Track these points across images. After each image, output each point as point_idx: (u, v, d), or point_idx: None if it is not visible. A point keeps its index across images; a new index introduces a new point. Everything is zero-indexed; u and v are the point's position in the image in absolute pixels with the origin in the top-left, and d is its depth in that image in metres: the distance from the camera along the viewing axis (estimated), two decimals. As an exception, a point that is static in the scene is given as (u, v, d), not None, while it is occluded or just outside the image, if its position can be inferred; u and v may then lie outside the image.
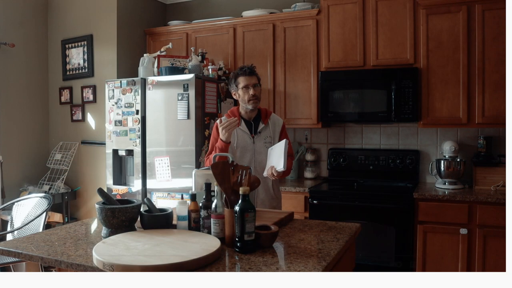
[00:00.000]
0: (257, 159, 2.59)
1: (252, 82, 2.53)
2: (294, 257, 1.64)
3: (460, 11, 3.22)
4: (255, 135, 2.60)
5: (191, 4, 4.61)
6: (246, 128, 2.61)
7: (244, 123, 2.61)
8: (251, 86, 2.52)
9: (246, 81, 2.53)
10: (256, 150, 2.59)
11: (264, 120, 2.62)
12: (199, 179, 2.21)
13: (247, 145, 2.59)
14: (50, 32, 4.47)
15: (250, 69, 2.56)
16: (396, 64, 3.40)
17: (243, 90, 2.54)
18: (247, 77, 2.54)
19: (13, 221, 3.53)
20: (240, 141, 2.59)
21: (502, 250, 2.92)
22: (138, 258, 1.49)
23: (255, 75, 2.56)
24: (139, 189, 3.61)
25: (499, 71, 3.14)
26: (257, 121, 2.63)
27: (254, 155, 2.59)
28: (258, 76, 2.60)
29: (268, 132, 2.62)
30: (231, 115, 2.62)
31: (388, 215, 3.17)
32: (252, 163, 2.58)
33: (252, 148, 2.59)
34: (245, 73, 2.54)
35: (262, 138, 2.61)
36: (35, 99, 4.38)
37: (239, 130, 2.59)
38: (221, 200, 1.77)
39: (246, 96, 2.53)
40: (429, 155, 3.67)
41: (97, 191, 1.89)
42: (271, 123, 2.65)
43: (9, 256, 1.99)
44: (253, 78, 2.54)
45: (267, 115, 2.66)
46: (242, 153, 2.58)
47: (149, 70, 3.75)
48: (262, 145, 2.59)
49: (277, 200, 2.69)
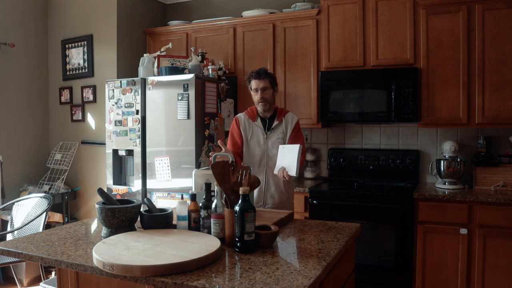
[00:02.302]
0: (269, 154, 2.71)
1: (261, 85, 2.64)
2: (294, 257, 1.64)
3: (460, 11, 3.22)
4: (268, 132, 2.72)
5: (191, 4, 4.61)
6: (261, 124, 2.74)
7: (259, 119, 2.75)
8: (260, 89, 2.64)
9: (255, 85, 2.66)
10: (268, 146, 2.71)
11: (279, 118, 2.74)
12: (199, 179, 2.22)
13: (260, 140, 2.73)
14: (50, 32, 4.47)
15: (258, 72, 2.67)
16: (396, 64, 3.40)
17: (254, 92, 2.69)
18: (256, 80, 2.66)
19: (13, 221, 3.53)
20: (254, 135, 2.74)
21: (502, 250, 2.92)
22: (138, 258, 1.49)
23: (264, 78, 2.65)
24: (139, 189, 3.61)
25: (499, 71, 3.14)
26: (272, 119, 2.76)
27: (266, 151, 2.72)
28: (271, 79, 2.69)
29: (281, 129, 2.73)
30: (249, 111, 2.78)
31: (388, 215, 3.17)
32: (264, 157, 2.72)
33: (264, 143, 2.72)
34: (254, 76, 2.67)
35: (275, 134, 2.72)
36: (35, 99, 4.38)
37: (254, 126, 2.74)
38: (221, 200, 1.77)
39: (256, 98, 2.69)
40: (429, 155, 3.67)
41: (97, 191, 1.89)
42: (285, 120, 2.74)
43: (9, 256, 1.99)
44: (262, 82, 2.64)
45: (282, 113, 2.77)
46: (255, 147, 2.73)
47: (149, 70, 3.75)
48: (275, 141, 2.71)
49: (287, 195, 2.77)
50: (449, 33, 3.26)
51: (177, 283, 1.38)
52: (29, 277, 3.82)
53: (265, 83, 2.65)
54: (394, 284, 3.17)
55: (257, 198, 2.71)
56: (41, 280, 3.42)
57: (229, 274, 1.47)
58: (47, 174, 4.26)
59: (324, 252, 1.69)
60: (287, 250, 1.74)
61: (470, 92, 3.23)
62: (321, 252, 1.69)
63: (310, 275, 1.44)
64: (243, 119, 2.77)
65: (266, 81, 2.65)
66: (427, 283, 3.11)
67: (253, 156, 2.73)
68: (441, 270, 3.07)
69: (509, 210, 2.89)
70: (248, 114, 2.78)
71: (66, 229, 2.08)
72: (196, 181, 2.24)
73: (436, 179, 3.55)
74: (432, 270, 3.09)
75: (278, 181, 2.71)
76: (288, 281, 1.38)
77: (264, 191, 2.71)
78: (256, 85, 2.65)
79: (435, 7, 3.28)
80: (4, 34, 4.01)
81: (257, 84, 2.65)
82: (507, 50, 3.12)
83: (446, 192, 3.16)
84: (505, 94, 3.14)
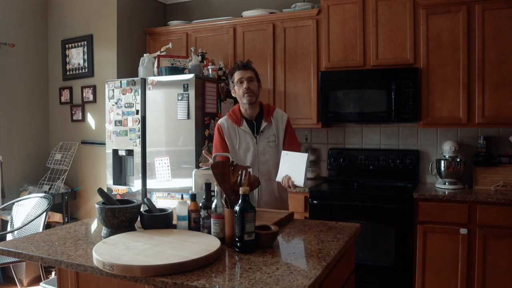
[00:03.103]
0: (261, 159, 2.51)
1: (246, 75, 2.45)
2: (294, 257, 1.64)
3: (460, 11, 3.22)
4: (257, 135, 2.51)
5: (191, 4, 4.61)
6: (248, 128, 2.51)
7: (245, 122, 2.52)
8: (245, 79, 2.44)
9: (240, 75, 2.46)
10: (259, 151, 2.50)
11: (267, 118, 2.52)
12: (199, 179, 2.21)
13: (249, 146, 2.51)
14: (50, 32, 4.47)
15: (243, 63, 2.49)
16: (396, 64, 3.40)
17: (238, 85, 2.47)
18: (241, 71, 2.46)
19: (13, 221, 3.53)
20: (242, 142, 2.51)
21: (502, 250, 2.92)
22: (138, 258, 1.49)
23: (249, 69, 2.48)
24: (139, 189, 3.61)
25: (499, 71, 3.14)
26: (259, 119, 2.53)
27: (257, 156, 2.51)
28: (255, 71, 2.52)
29: (272, 131, 2.52)
30: (232, 115, 2.55)
31: (388, 215, 3.17)
32: (256, 164, 2.51)
33: (255, 149, 2.50)
34: (239, 67, 2.48)
35: (265, 138, 2.51)
36: (35, 99, 4.38)
37: (240, 131, 2.51)
38: (221, 200, 1.77)
39: (241, 90, 2.45)
40: (429, 155, 3.67)
41: (97, 191, 1.89)
42: (274, 120, 2.53)
43: (9, 256, 1.99)
44: (247, 72, 2.46)
45: (270, 112, 2.55)
46: (244, 154, 2.51)
47: (149, 70, 3.75)
48: (266, 145, 2.51)
49: (282, 202, 2.59)
50: (449, 33, 3.26)
51: (177, 283, 1.38)
52: (29, 277, 3.83)
53: (250, 73, 2.46)
54: (394, 284, 3.18)
55: None
56: (41, 280, 3.42)
57: (229, 274, 1.47)
58: (47, 174, 4.26)
59: (324, 252, 1.68)
60: (287, 250, 1.73)
61: (470, 92, 3.23)
62: (321, 252, 1.69)
63: (310, 275, 1.44)
64: (226, 126, 2.53)
65: (251, 72, 2.47)
66: (427, 283, 3.11)
67: (243, 164, 2.47)
68: (441, 270, 3.07)
69: (509, 210, 2.89)
70: (232, 118, 2.53)
71: (66, 229, 2.08)
72: (196, 181, 2.24)
73: (436, 179, 3.55)
74: (432, 270, 3.09)
75: (273, 188, 2.54)
76: (288, 281, 1.38)
77: (258, 198, 2.50)
78: (242, 75, 2.44)
79: (435, 7, 3.28)
80: (4, 34, 4.01)
81: (242, 74, 2.44)
82: (507, 50, 3.12)
83: (446, 192, 3.16)
84: (505, 94, 3.14)
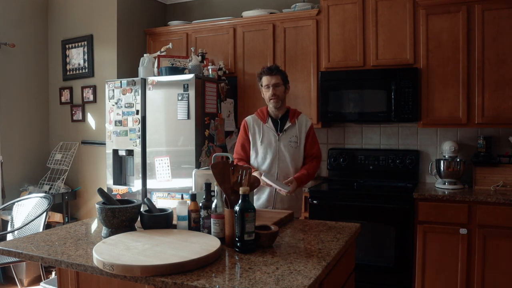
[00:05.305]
0: (281, 157, 2.65)
1: (273, 81, 2.59)
2: (294, 257, 1.64)
3: (460, 11, 3.22)
4: (280, 133, 2.65)
5: (191, 4, 4.61)
6: (272, 125, 2.67)
7: (270, 121, 2.68)
8: (271, 85, 2.59)
9: (266, 81, 2.61)
10: (280, 148, 2.65)
11: (291, 120, 2.67)
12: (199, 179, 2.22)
13: (271, 142, 2.65)
14: (50, 32, 4.48)
15: (270, 68, 2.63)
16: (396, 64, 3.41)
17: (265, 89, 2.63)
18: (267, 76, 2.61)
19: (13, 221, 3.53)
20: (265, 138, 2.66)
21: (502, 250, 2.92)
22: (138, 258, 1.49)
23: (276, 74, 2.61)
24: (139, 189, 3.62)
25: (499, 71, 3.15)
26: (284, 120, 2.68)
27: (278, 153, 2.65)
28: (283, 74, 2.65)
29: (294, 132, 2.66)
30: (259, 113, 2.72)
31: (388, 215, 3.17)
32: (276, 161, 2.65)
33: (276, 145, 2.65)
34: (265, 72, 2.62)
35: (287, 137, 2.65)
36: (35, 99, 4.38)
37: (265, 127, 2.67)
38: (221, 200, 1.77)
39: (267, 95, 2.62)
40: (429, 155, 3.67)
41: (97, 191, 1.89)
42: (298, 123, 2.68)
43: (9, 256, 1.99)
44: (273, 78, 2.60)
45: (295, 115, 2.70)
46: (266, 150, 2.66)
47: (149, 70, 3.75)
48: (287, 144, 2.64)
49: (297, 200, 2.71)
50: (448, 33, 3.26)
51: (177, 283, 1.38)
52: (29, 277, 3.83)
53: (276, 79, 2.59)
54: (394, 284, 3.18)
55: (267, 201, 2.65)
56: (41, 280, 3.42)
57: (229, 274, 1.47)
58: (47, 174, 4.26)
59: (324, 252, 1.69)
60: (287, 250, 1.74)
61: (470, 92, 3.23)
62: (321, 252, 1.69)
63: (310, 275, 1.44)
64: (252, 122, 2.71)
65: (278, 77, 2.60)
66: (427, 283, 3.11)
67: (264, 159, 2.65)
68: (441, 270, 3.07)
69: (509, 210, 2.90)
70: (258, 116, 2.72)
71: (66, 229, 2.08)
72: (196, 181, 2.24)
73: (436, 179, 3.55)
74: (432, 270, 3.09)
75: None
76: (288, 281, 1.38)
77: (274, 194, 2.63)
78: (268, 81, 2.59)
79: (435, 7, 3.28)
80: (4, 34, 4.01)
81: (268, 80, 2.59)
82: (507, 50, 3.12)
83: (446, 192, 3.16)
84: (504, 94, 3.14)
